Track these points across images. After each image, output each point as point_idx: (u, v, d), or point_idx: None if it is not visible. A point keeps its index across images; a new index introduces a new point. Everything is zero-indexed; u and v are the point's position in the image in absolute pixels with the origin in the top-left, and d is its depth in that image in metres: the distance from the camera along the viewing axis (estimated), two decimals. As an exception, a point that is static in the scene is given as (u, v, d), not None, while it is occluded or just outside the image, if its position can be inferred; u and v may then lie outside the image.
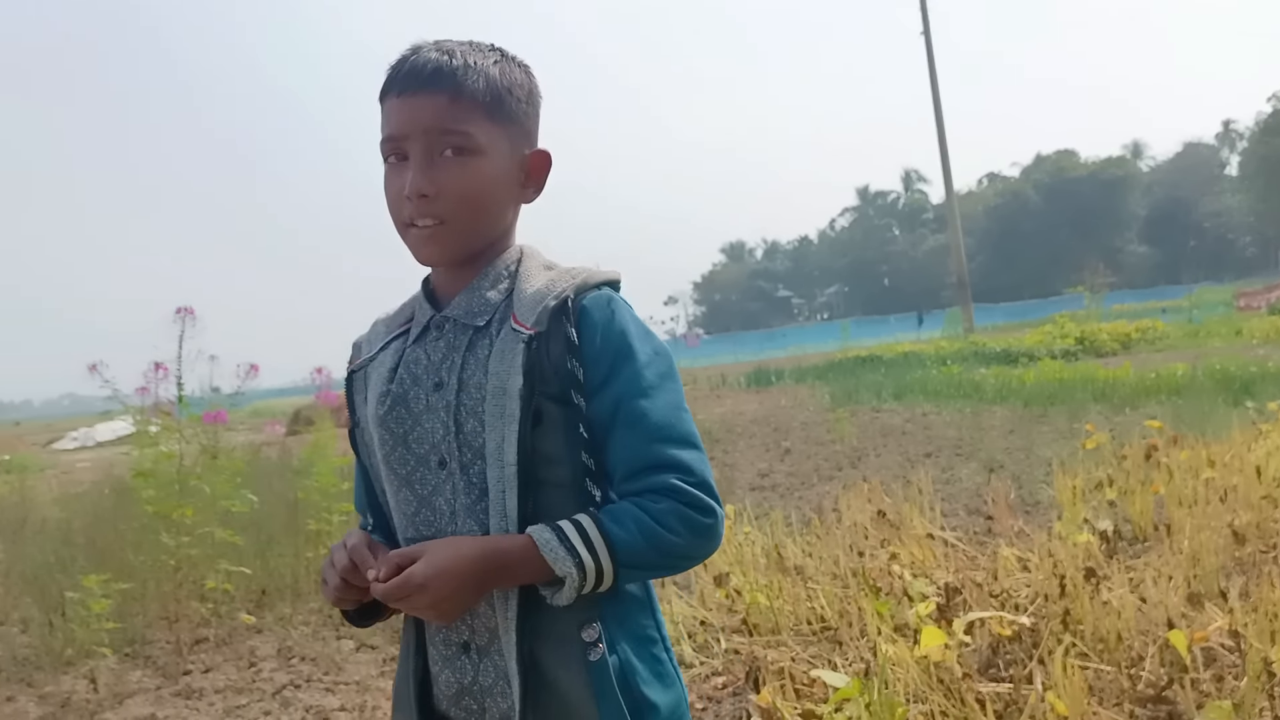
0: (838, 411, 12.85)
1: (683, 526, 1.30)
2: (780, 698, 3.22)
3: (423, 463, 1.39)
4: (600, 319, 1.36)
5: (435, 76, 1.34)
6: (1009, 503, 5.71)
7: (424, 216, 1.35)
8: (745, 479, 9.19)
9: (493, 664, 1.37)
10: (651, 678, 1.37)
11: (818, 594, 4.21)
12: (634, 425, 1.33)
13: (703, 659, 4.07)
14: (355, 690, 4.38)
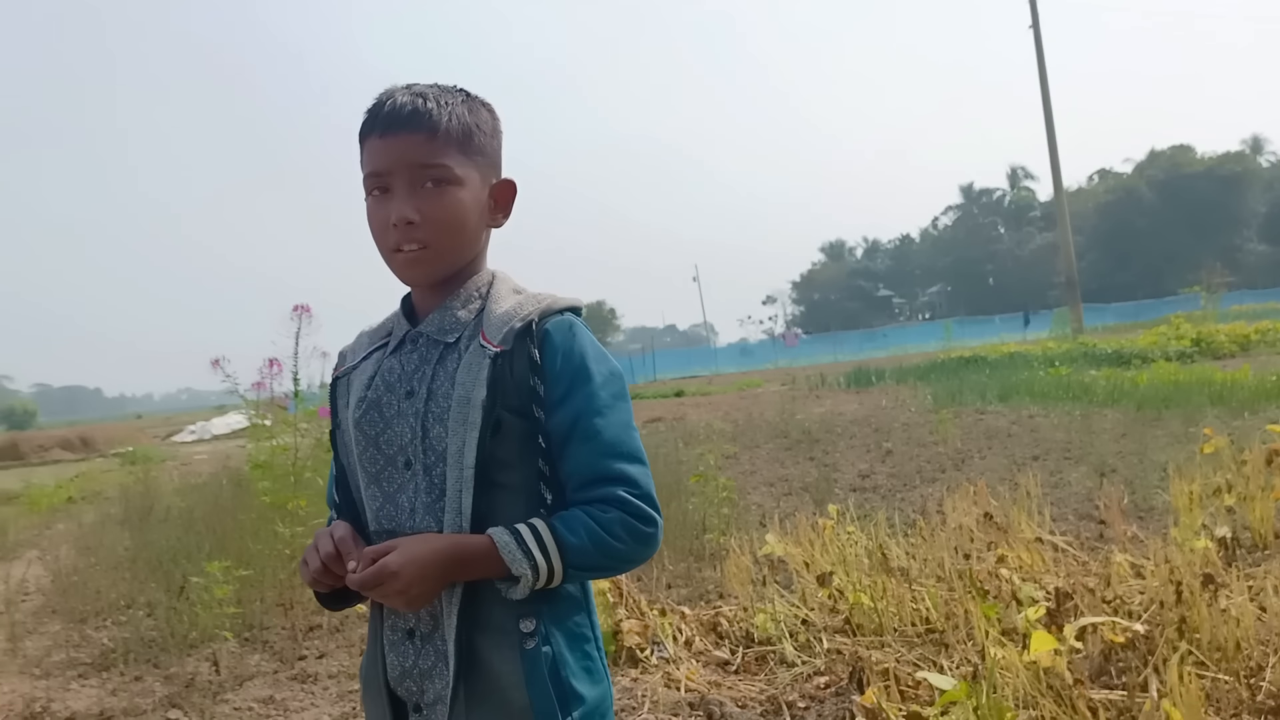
0: (940, 413, 12.63)
1: (627, 534, 1.46)
2: (885, 698, 3.20)
3: (391, 463, 1.54)
4: (561, 342, 1.52)
5: (414, 117, 1.49)
6: (1122, 508, 5.55)
7: (409, 242, 1.51)
8: (846, 479, 9.11)
9: (433, 649, 1.51)
10: (580, 671, 1.51)
11: (923, 596, 4.17)
12: (588, 440, 1.48)
13: (804, 658, 4.07)
14: (462, 679, 4.47)
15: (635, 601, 4.64)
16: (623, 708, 3.89)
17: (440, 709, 1.49)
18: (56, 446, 30.55)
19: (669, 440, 12.94)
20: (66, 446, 30.97)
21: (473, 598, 1.47)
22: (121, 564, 7.35)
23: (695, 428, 15.13)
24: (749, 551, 4.94)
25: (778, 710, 3.70)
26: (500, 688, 1.46)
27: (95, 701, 4.65)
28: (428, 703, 1.52)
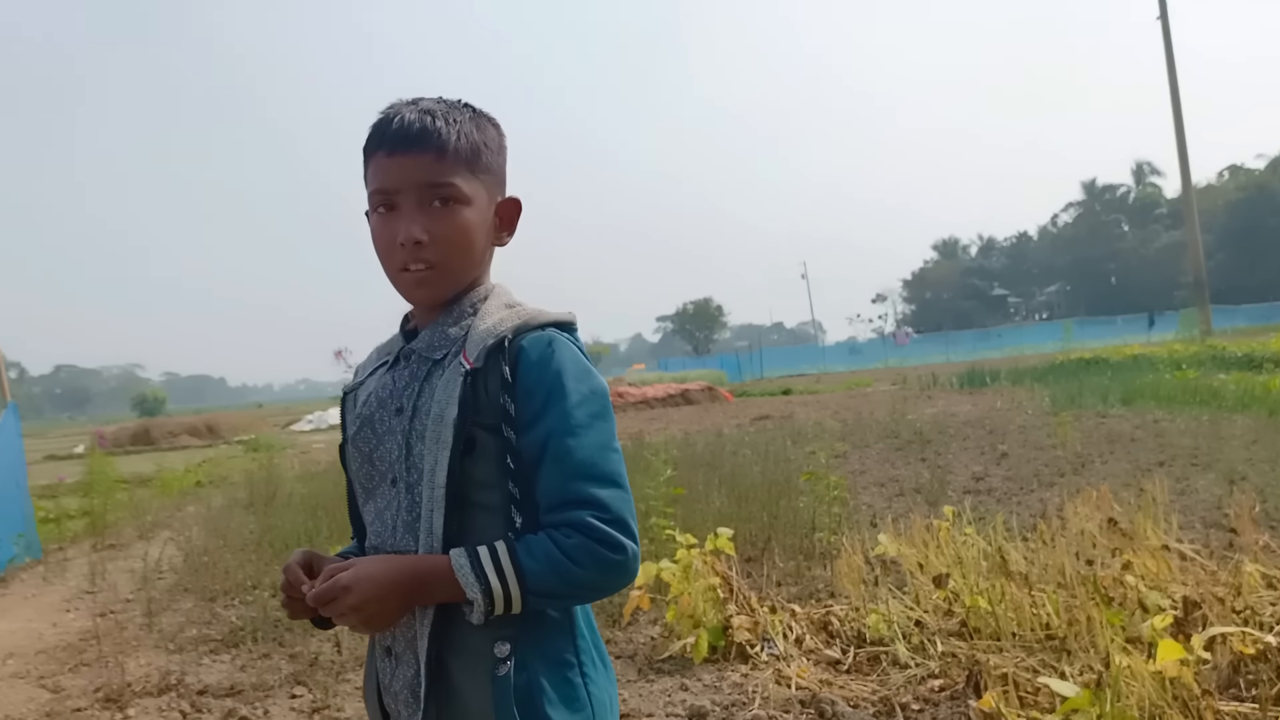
0: (1059, 415, 12.28)
1: (590, 561, 1.37)
2: (1004, 703, 3.14)
3: (382, 479, 1.52)
4: (537, 358, 1.44)
5: (422, 136, 1.45)
6: (1253, 516, 5.32)
7: (416, 262, 1.47)
8: (959, 481, 8.93)
9: (403, 672, 1.49)
10: (558, 699, 1.43)
11: (1043, 601, 4.07)
12: (559, 461, 1.40)
13: (918, 660, 4.02)
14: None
15: (745, 598, 4.64)
16: (733, 702, 3.90)
17: None
18: (185, 433, 31.93)
19: (777, 438, 12.88)
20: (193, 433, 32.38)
21: (446, 619, 1.43)
22: (248, 546, 7.65)
23: (803, 426, 15.03)
24: (860, 551, 4.89)
25: (891, 712, 3.66)
26: (470, 713, 1.41)
27: (225, 676, 4.86)
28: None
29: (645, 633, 4.99)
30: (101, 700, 4.70)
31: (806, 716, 3.70)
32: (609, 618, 5.25)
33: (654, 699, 4.09)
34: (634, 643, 4.85)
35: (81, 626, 6.38)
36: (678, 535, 4.80)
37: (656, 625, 5.04)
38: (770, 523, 6.61)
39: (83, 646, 5.77)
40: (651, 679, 4.34)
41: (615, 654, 4.71)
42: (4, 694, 5.06)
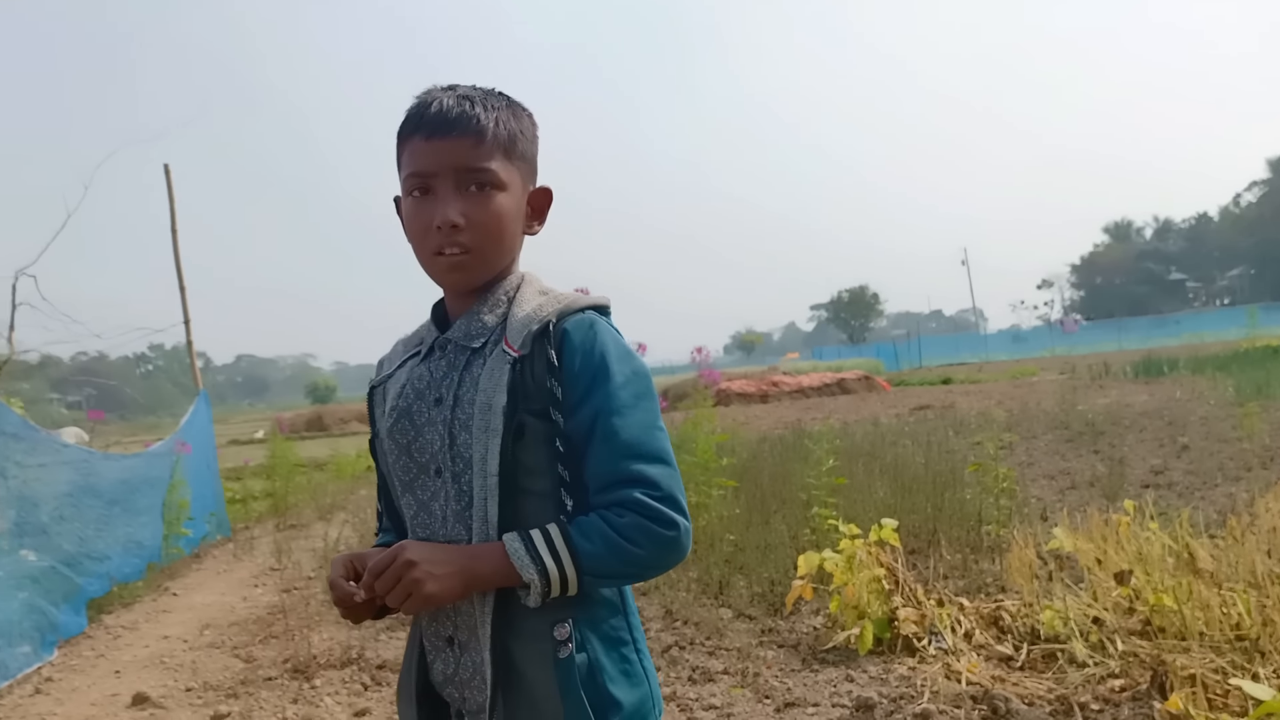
0: (1245, 406, 11.55)
1: (644, 539, 1.38)
2: (1192, 705, 3.00)
3: (423, 471, 1.51)
4: (580, 341, 1.44)
5: (461, 120, 1.45)
6: None
7: (452, 246, 1.46)
8: (1136, 475, 8.54)
9: (470, 660, 1.48)
10: (618, 676, 1.45)
11: (1234, 600, 3.86)
12: (607, 441, 1.41)
13: (1097, 658, 3.87)
14: (736, 656, 4.55)
15: (911, 590, 4.56)
16: (900, 695, 3.85)
17: (484, 717, 1.46)
18: (354, 419, 33.33)
19: (938, 428, 12.59)
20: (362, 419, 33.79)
21: (506, 604, 1.43)
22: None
23: (965, 416, 14.62)
24: (1032, 545, 4.74)
25: (1068, 711, 3.54)
26: (535, 698, 1.41)
27: (400, 652, 5.07)
28: (470, 710, 1.50)
29: (807, 622, 4.96)
30: (290, 671, 4.98)
31: (979, 713, 3.62)
32: (770, 607, 5.25)
33: (819, 689, 4.07)
34: (796, 632, 4.84)
35: (269, 601, 6.77)
36: (841, 525, 4.75)
37: (819, 615, 5.00)
38: (935, 514, 6.46)
39: (271, 620, 6.13)
40: (815, 669, 4.32)
41: (777, 643, 4.71)
42: (203, 661, 5.41)
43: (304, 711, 4.39)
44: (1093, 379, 22.78)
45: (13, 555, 5.70)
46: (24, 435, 6.09)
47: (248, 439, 28.50)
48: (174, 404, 40.29)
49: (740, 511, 6.74)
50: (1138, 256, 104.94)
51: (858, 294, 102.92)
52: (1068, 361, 34.08)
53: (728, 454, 7.56)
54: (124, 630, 6.30)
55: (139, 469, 8.29)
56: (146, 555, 7.86)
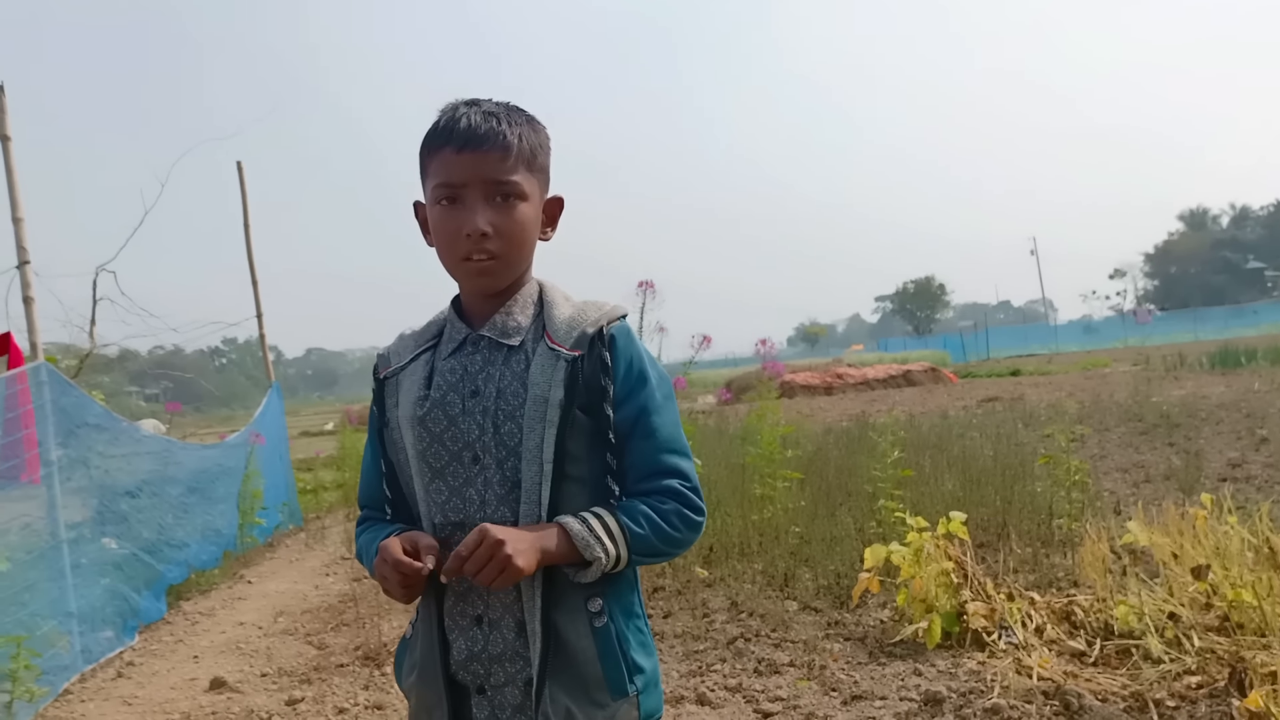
0: (1329, 398, 11.23)
1: (682, 523, 1.58)
2: (1273, 703, 2.94)
3: (456, 458, 1.59)
4: (624, 346, 1.61)
5: (490, 136, 1.55)
6: None
7: (479, 252, 1.56)
8: (1213, 468, 8.33)
9: (502, 636, 1.58)
10: (637, 645, 1.60)
11: (1317, 596, 3.75)
12: (648, 437, 1.59)
13: (1173, 654, 3.79)
14: (802, 649, 4.54)
15: (980, 584, 4.51)
16: (969, 690, 3.81)
17: (510, 690, 1.58)
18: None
19: (1007, 421, 12.40)
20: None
21: (552, 581, 1.55)
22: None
23: (1035, 408, 14.38)
24: (1105, 539, 4.65)
25: (1143, 708, 3.48)
26: (577, 663, 1.54)
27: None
28: (495, 684, 1.59)
29: (874, 615, 4.93)
30: (361, 658, 5.08)
31: (1050, 709, 3.57)
32: (836, 599, 5.22)
33: (886, 682, 4.04)
34: (863, 625, 4.81)
35: (340, 590, 6.90)
36: (908, 518, 4.71)
37: (886, 609, 4.97)
38: (1004, 507, 6.38)
39: (342, 608, 6.25)
40: (883, 662, 4.30)
41: (844, 636, 4.69)
42: (277, 648, 5.54)
43: (374, 698, 4.48)
44: (1167, 370, 22.27)
45: (95, 543, 5.88)
46: (106, 426, 6.27)
47: (318, 430, 29.00)
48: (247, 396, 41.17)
49: (805, 504, 6.71)
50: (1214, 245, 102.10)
51: (923, 285, 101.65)
52: (1141, 352, 33.37)
53: (792, 446, 7.52)
54: (201, 616, 6.48)
55: (216, 459, 8.50)
56: (223, 544, 8.07)
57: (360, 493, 1.82)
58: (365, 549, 1.70)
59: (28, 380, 5.26)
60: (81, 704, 4.77)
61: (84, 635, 5.30)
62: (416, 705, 1.66)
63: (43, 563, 5.13)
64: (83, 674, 5.16)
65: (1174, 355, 25.21)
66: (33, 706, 4.51)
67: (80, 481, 5.91)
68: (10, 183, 5.97)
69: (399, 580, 1.50)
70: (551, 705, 1.52)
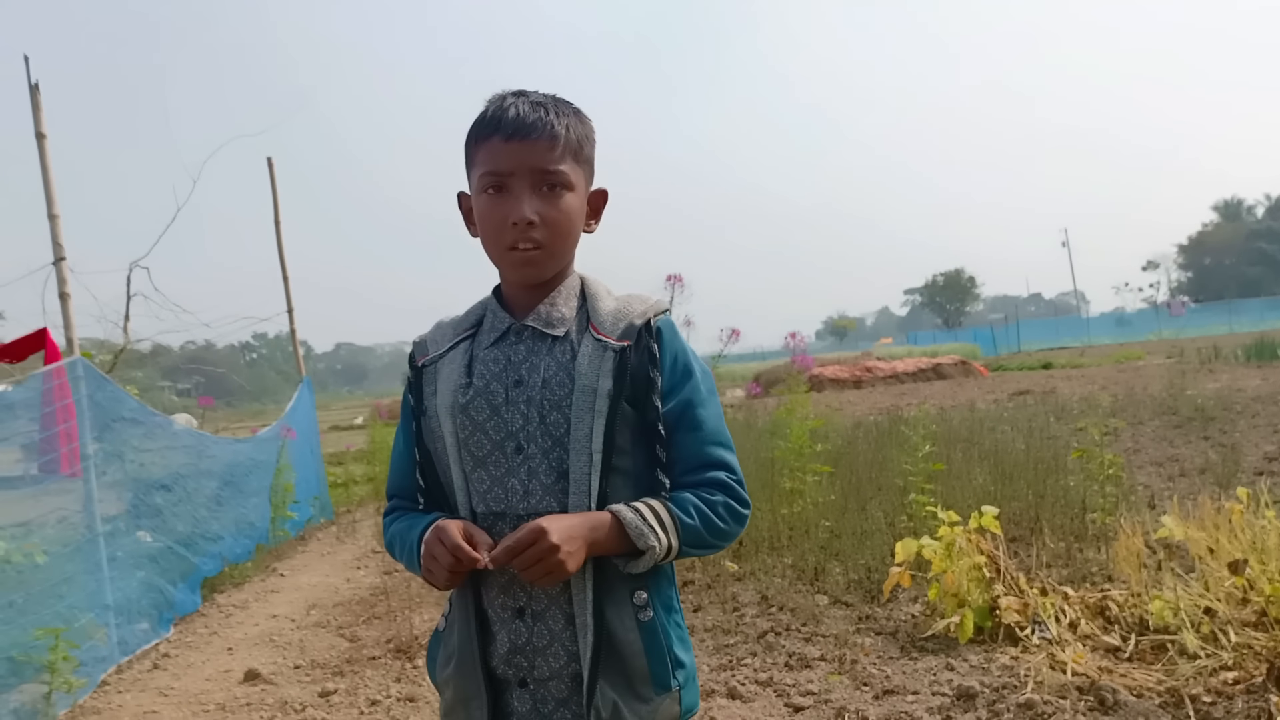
0: (1368, 390, 11.06)
1: (730, 516, 1.58)
2: (1313, 701, 2.89)
3: (498, 448, 1.58)
4: (669, 339, 1.62)
5: (538, 125, 1.55)
6: None
7: (525, 241, 1.56)
8: (1249, 462, 8.22)
9: (547, 628, 1.56)
10: (678, 640, 1.60)
11: (1357, 592, 3.70)
12: (695, 429, 1.59)
13: (1209, 650, 3.75)
14: (833, 643, 4.52)
15: (1013, 578, 4.48)
16: (1003, 685, 3.79)
17: (556, 684, 1.56)
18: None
19: (1039, 414, 12.29)
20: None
21: (601, 573, 1.54)
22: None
23: (1067, 402, 14.25)
24: (1140, 533, 4.61)
25: (1179, 703, 3.44)
26: (624, 656, 1.53)
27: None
28: (539, 678, 1.57)
29: (905, 610, 4.91)
30: (393, 650, 5.11)
31: (1085, 704, 3.54)
32: (867, 594, 5.20)
33: (918, 677, 4.02)
34: (894, 620, 4.79)
35: (371, 583, 6.95)
36: (939, 512, 4.68)
37: (917, 603, 4.95)
38: (1037, 502, 6.32)
39: (374, 601, 6.29)
40: (914, 657, 4.27)
41: (875, 630, 4.67)
42: (310, 640, 5.59)
43: (406, 690, 4.50)
44: (1202, 363, 22.00)
45: (130, 536, 5.94)
46: (141, 420, 6.34)
47: (348, 425, 29.19)
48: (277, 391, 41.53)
49: (836, 498, 6.68)
50: (1249, 236, 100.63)
51: (953, 277, 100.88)
52: (1175, 345, 33.00)
53: (822, 440, 7.49)
54: (235, 609, 6.54)
55: (248, 453, 8.57)
56: (256, 537, 8.14)
57: (390, 482, 1.80)
58: (400, 537, 1.67)
59: (65, 375, 5.33)
60: (119, 695, 4.83)
61: (120, 627, 5.36)
62: (453, 697, 1.63)
63: (79, 556, 5.20)
64: (119, 665, 5.23)
65: (1209, 348, 24.90)
66: (71, 697, 4.57)
67: (116, 475, 5.98)
68: (46, 180, 6.04)
69: (450, 564, 1.48)
70: (600, 699, 1.51)
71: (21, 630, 4.46)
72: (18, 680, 4.42)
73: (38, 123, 6.08)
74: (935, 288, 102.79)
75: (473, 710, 1.59)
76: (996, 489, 6.53)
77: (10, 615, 4.48)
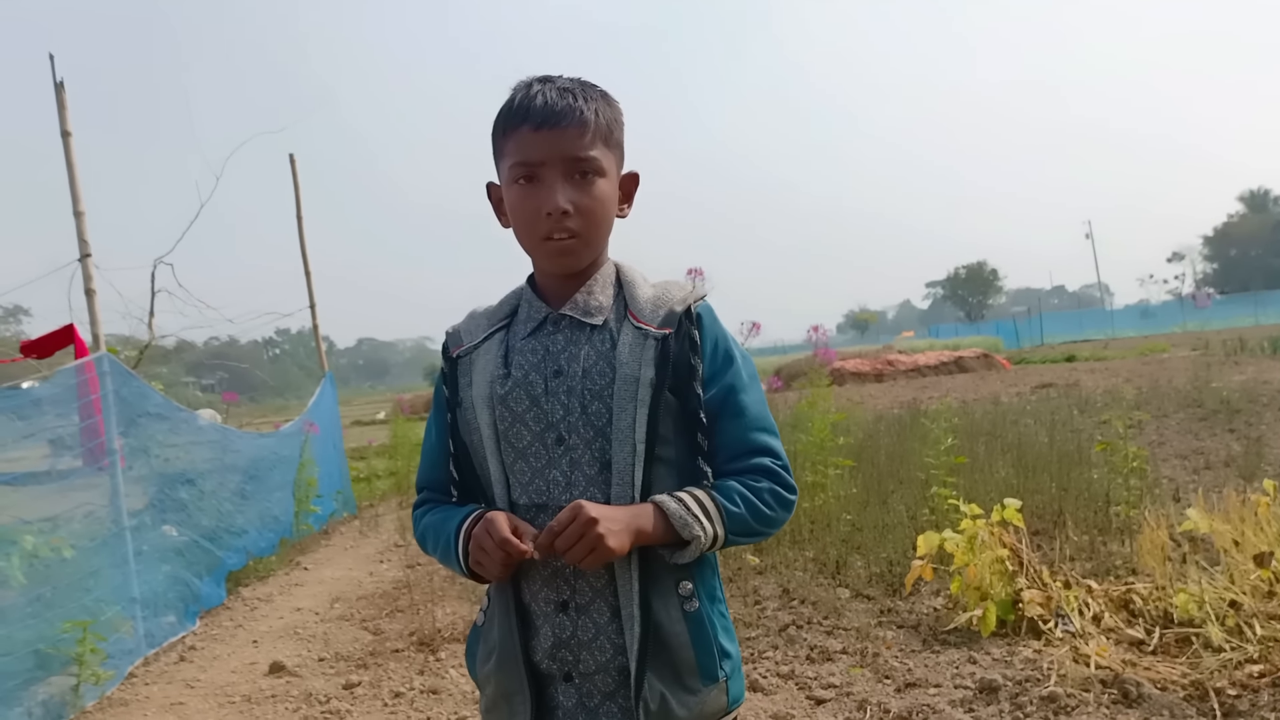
0: (1397, 382, 10.94)
1: (775, 502, 1.55)
2: (1340, 694, 2.87)
3: (539, 439, 1.55)
4: (710, 325, 1.59)
5: (568, 112, 1.52)
6: None
7: (560, 231, 1.53)
8: (1275, 454, 8.15)
9: (592, 621, 1.54)
10: (722, 630, 1.57)
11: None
12: (738, 416, 1.56)
13: (1234, 643, 3.72)
14: (855, 636, 4.52)
15: (1036, 571, 4.46)
16: (1026, 678, 3.77)
17: (602, 677, 1.53)
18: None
19: (1062, 407, 12.23)
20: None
21: (647, 564, 1.51)
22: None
23: (1091, 394, 14.16)
24: (1164, 526, 4.58)
25: (1204, 696, 3.42)
26: (671, 648, 1.51)
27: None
28: (584, 672, 1.54)
29: (927, 603, 4.89)
30: (416, 643, 5.14)
31: (1108, 697, 3.53)
32: (888, 587, 5.19)
33: (940, 670, 4.02)
34: (916, 613, 4.78)
35: (394, 576, 6.98)
36: (961, 505, 4.66)
37: (939, 596, 4.93)
38: (1060, 495, 6.29)
39: (396, 594, 6.33)
40: (936, 650, 4.26)
41: (896, 624, 4.66)
42: (334, 633, 5.63)
43: (430, 682, 4.53)
44: (1227, 355, 21.81)
45: (156, 530, 6.00)
46: (166, 415, 6.39)
47: (370, 420, 29.36)
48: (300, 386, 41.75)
49: (857, 491, 6.67)
50: (1275, 226, 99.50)
51: (975, 270, 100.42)
52: (1200, 337, 32.71)
53: (843, 433, 7.47)
54: (260, 602, 6.59)
55: (271, 448, 8.64)
56: (280, 531, 8.20)
57: (421, 474, 1.77)
58: (434, 530, 1.65)
59: (92, 370, 5.38)
60: (146, 686, 4.88)
61: (147, 620, 5.42)
62: (495, 693, 1.61)
63: (106, 549, 5.25)
64: (146, 658, 5.28)
65: (1234, 340, 24.68)
66: (99, 689, 4.63)
67: (141, 470, 6.04)
68: (71, 177, 6.10)
69: (502, 559, 1.46)
70: (648, 691, 1.49)
71: (49, 623, 4.51)
72: (46, 673, 4.47)
73: (63, 120, 6.13)
74: (957, 280, 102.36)
75: (516, 705, 1.57)
76: (1019, 482, 6.50)
77: (38, 608, 4.54)
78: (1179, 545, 4.85)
